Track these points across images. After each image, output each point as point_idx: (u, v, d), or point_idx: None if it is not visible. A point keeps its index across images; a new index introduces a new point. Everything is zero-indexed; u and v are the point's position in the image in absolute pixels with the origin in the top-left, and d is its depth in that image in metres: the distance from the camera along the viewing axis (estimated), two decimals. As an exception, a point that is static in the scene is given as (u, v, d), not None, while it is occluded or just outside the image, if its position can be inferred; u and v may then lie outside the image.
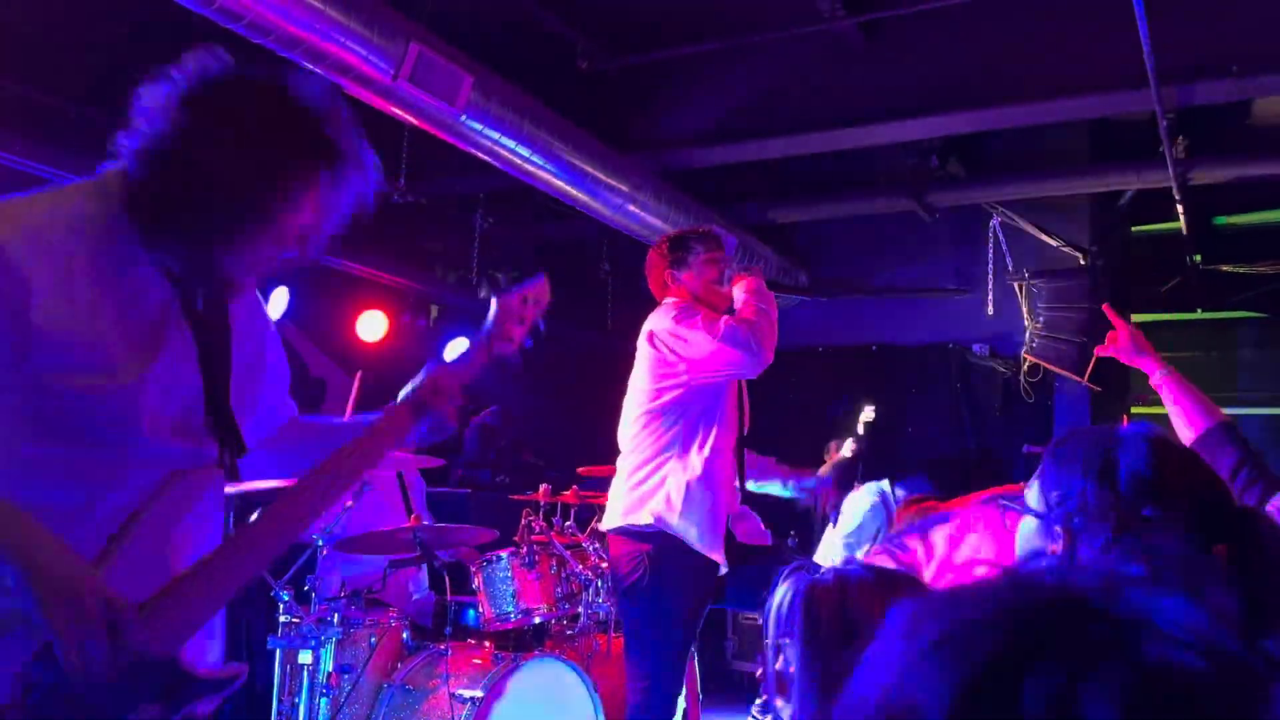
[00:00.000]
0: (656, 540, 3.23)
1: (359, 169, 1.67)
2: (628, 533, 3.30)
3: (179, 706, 1.53)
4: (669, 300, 3.44)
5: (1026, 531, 1.47)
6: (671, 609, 3.22)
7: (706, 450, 3.28)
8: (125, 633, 1.44)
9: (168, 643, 1.52)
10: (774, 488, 3.88)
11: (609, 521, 3.40)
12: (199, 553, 1.63)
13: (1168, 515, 1.29)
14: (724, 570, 3.32)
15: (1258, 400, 7.57)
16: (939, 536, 2.08)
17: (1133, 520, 1.31)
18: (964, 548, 2.01)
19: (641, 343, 3.39)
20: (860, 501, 5.95)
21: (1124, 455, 1.36)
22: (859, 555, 5.72)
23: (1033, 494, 1.45)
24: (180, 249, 1.57)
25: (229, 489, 1.78)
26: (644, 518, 3.25)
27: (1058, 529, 1.38)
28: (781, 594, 1.48)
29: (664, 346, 3.29)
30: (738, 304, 3.35)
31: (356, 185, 1.67)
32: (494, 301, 2.14)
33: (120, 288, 1.55)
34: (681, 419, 3.30)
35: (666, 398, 3.31)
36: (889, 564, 2.13)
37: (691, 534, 3.21)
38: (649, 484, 3.29)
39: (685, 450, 3.28)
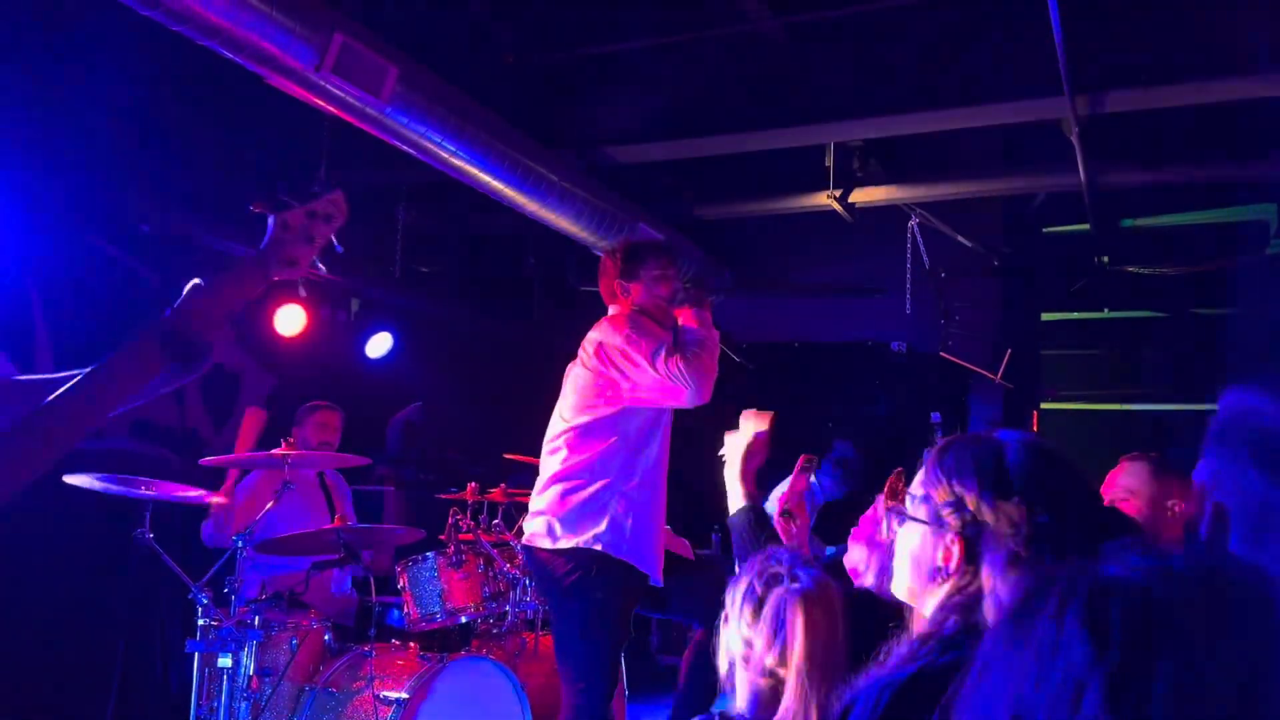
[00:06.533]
0: (596, 553, 3.23)
1: None
2: (562, 552, 3.25)
3: None
4: (615, 312, 3.42)
5: (909, 538, 1.42)
6: (610, 608, 3.21)
7: (647, 470, 3.29)
8: None
9: None
10: None
11: (538, 540, 3.30)
12: None
13: (1058, 522, 1.29)
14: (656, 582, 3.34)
15: (1160, 397, 7.87)
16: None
17: (1034, 530, 1.29)
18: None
19: (587, 353, 3.34)
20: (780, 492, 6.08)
21: (1013, 462, 1.34)
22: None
23: (916, 502, 1.41)
24: None
25: None
26: (585, 540, 3.21)
27: (950, 538, 1.35)
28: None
29: (610, 363, 3.26)
30: (683, 333, 3.33)
31: None
32: (272, 219, 1.85)
33: None
34: (619, 437, 3.28)
35: (601, 413, 3.28)
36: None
37: (634, 556, 3.23)
38: (588, 505, 3.25)
39: (627, 472, 3.27)
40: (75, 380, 1.62)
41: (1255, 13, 4.36)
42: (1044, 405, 7.75)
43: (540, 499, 3.37)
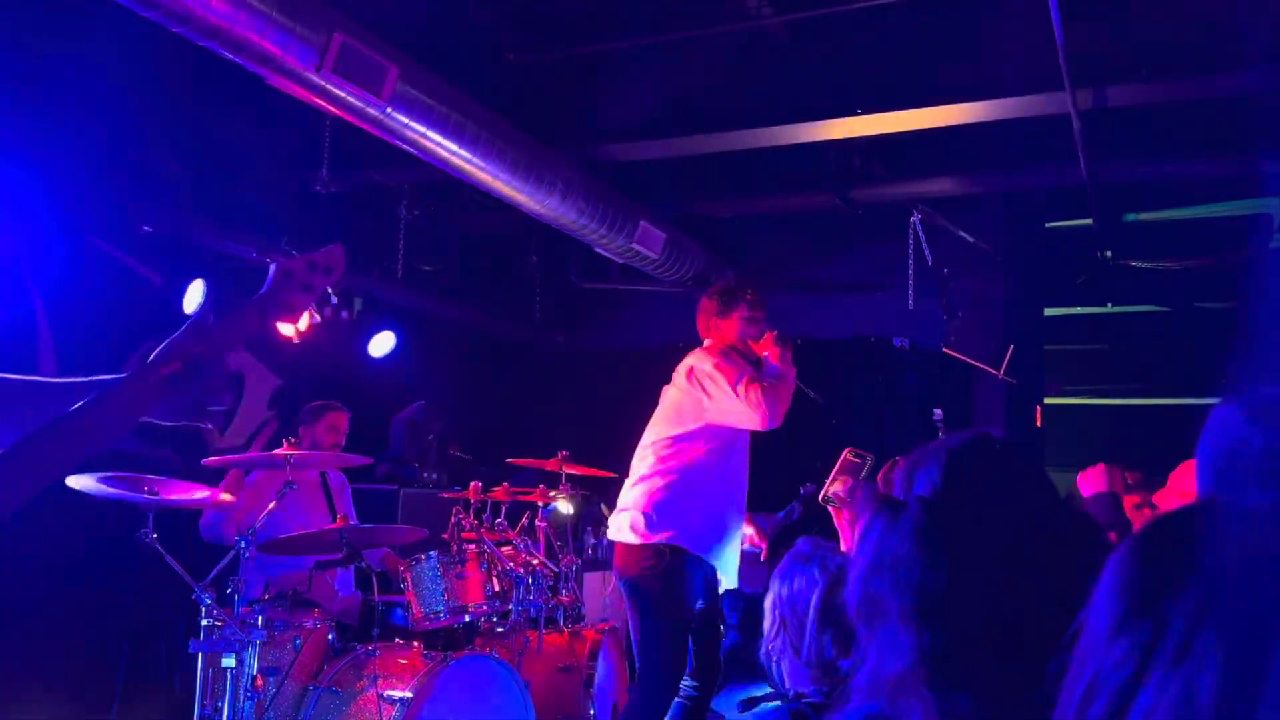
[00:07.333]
0: (672, 546, 3.65)
1: None
2: (644, 546, 3.67)
3: None
4: (710, 343, 3.88)
5: None
6: (680, 594, 3.63)
7: (723, 480, 3.73)
8: None
9: None
10: None
11: (623, 535, 3.73)
12: None
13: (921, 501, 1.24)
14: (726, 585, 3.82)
15: (1164, 392, 7.85)
16: None
17: (889, 509, 1.26)
18: None
19: (680, 376, 3.81)
20: None
21: (924, 466, 1.31)
22: None
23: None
24: None
25: None
26: (663, 536, 3.64)
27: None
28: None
29: (698, 384, 3.71)
30: (765, 368, 3.76)
31: None
32: (274, 266, 1.93)
33: None
34: (702, 449, 3.72)
35: (687, 428, 3.74)
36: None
37: (702, 550, 3.68)
38: (668, 504, 3.68)
39: (705, 478, 3.72)
40: (76, 407, 1.67)
41: (1256, 7, 4.35)
42: (1047, 400, 7.74)
43: (627, 496, 3.80)
